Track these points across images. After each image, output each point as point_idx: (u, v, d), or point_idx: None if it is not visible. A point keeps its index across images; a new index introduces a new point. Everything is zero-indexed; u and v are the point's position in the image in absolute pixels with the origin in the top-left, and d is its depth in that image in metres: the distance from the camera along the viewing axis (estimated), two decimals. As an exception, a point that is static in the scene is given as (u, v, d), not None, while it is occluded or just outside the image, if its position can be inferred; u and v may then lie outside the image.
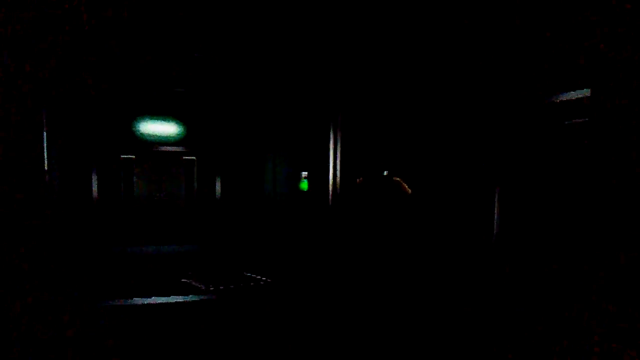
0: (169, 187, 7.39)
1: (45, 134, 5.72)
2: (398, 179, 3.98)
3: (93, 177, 6.71)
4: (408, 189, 3.84)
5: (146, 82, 6.40)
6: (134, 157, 7.09)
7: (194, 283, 4.15)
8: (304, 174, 5.12)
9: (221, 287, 3.97)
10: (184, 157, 7.25)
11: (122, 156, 7.05)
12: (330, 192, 4.01)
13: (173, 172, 7.37)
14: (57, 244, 5.99)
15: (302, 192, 5.10)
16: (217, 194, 7.16)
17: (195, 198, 7.28)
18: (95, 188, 6.78)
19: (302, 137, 5.38)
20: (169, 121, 6.89)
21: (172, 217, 7.31)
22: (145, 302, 3.50)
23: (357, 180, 4.23)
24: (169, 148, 7.02)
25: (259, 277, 4.42)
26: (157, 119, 6.84)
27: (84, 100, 6.38)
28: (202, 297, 3.72)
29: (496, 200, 2.79)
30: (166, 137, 6.94)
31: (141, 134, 6.86)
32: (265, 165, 6.40)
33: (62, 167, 6.23)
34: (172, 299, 3.68)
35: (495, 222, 2.76)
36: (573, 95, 2.57)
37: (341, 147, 3.99)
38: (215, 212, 7.08)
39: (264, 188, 6.39)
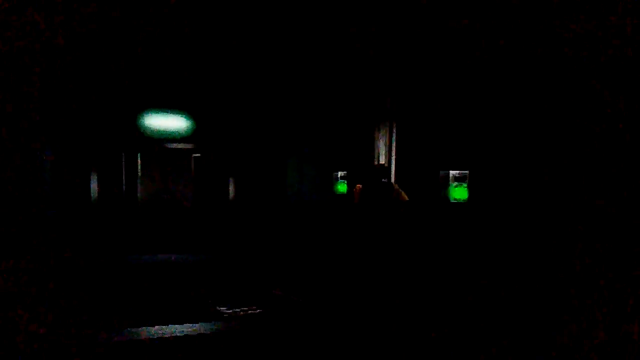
0: (177, 187, 6.70)
1: (36, 127, 5.02)
2: (396, 186, 3.79)
3: (92, 176, 5.99)
4: (405, 196, 3.77)
5: (153, 68, 5.70)
6: (137, 154, 6.39)
7: (218, 308, 3.47)
8: (341, 174, 4.46)
9: (249, 311, 3.31)
10: (193, 155, 6.55)
11: (124, 153, 6.34)
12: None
13: (181, 172, 6.68)
14: (51, 253, 5.28)
15: (338, 195, 4.43)
16: (230, 195, 6.47)
17: (206, 200, 6.58)
18: (94, 189, 6.05)
19: (339, 132, 4.67)
20: (177, 115, 6.18)
21: (180, 221, 6.60)
22: (163, 334, 2.82)
23: (357, 186, 3.98)
24: (177, 145, 6.31)
25: (289, 295, 3.75)
26: (164, 112, 6.13)
27: (82, 91, 5.67)
28: (229, 325, 3.03)
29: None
30: (174, 132, 6.23)
31: (146, 129, 6.16)
32: (288, 164, 5.71)
33: (57, 165, 5.50)
34: (193, 327, 2.99)
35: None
36: None
37: (397, 142, 3.30)
38: (229, 216, 6.38)
39: (286, 190, 5.71)
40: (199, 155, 6.61)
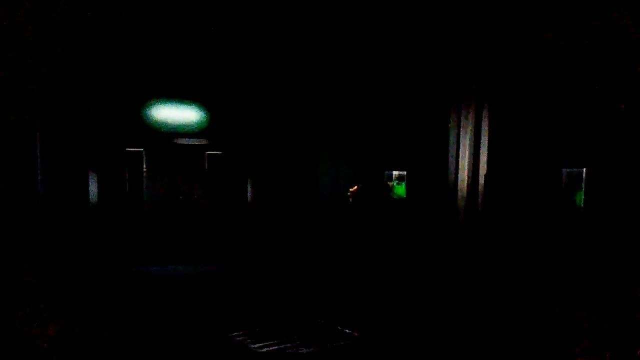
0: (188, 188, 5.92)
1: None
2: (391, 183, 3.60)
3: (91, 175, 5.19)
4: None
5: (161, 51, 4.89)
6: (143, 150, 5.60)
7: (247, 342, 2.68)
8: (397, 173, 3.68)
9: (288, 351, 2.53)
10: (207, 152, 5.76)
11: (128, 149, 5.55)
12: (463, 200, 2.57)
13: (193, 170, 5.90)
14: (42, 263, 4.50)
15: (394, 200, 3.67)
16: (248, 197, 5.67)
17: (221, 202, 5.79)
18: (93, 190, 5.25)
19: (393, 121, 3.84)
20: (189, 105, 5.38)
21: (192, 226, 5.82)
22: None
23: (353, 188, 3.67)
24: (188, 140, 5.51)
25: (337, 327, 2.96)
26: (175, 102, 5.33)
27: (79, 77, 4.85)
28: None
29: None
30: (185, 125, 5.43)
31: (153, 121, 5.35)
32: (320, 162, 4.92)
33: (50, 163, 4.72)
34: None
35: None
36: None
37: (489, 130, 2.48)
38: (247, 221, 5.59)
39: (317, 192, 4.91)
40: (213, 152, 5.80)
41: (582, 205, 2.20)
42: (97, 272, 4.85)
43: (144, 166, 5.74)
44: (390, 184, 3.70)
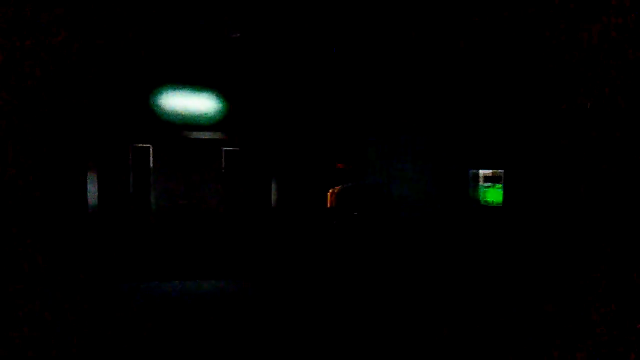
0: (202, 190, 5.16)
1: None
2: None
3: (89, 176, 4.46)
4: None
5: (171, 30, 4.12)
6: (150, 146, 4.84)
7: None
8: (484, 173, 2.92)
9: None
10: (224, 148, 5.00)
11: (132, 145, 4.80)
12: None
13: (208, 169, 5.14)
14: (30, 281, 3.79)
15: (482, 206, 2.93)
16: (272, 200, 4.92)
17: (240, 206, 5.03)
18: (92, 192, 4.53)
19: (478, 100, 3.01)
20: (203, 93, 4.62)
21: (206, 235, 5.06)
22: None
23: (335, 188, 3.38)
24: (202, 134, 4.76)
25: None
26: (187, 90, 4.57)
27: (76, 61, 4.10)
28: None
29: None
30: (199, 117, 4.69)
31: (161, 112, 4.61)
32: (368, 157, 4.15)
33: (42, 160, 4.01)
34: None
35: None
36: None
37: None
38: (270, 228, 4.84)
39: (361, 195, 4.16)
40: (232, 148, 5.05)
41: None
42: (95, 287, 4.11)
43: (152, 164, 4.98)
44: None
